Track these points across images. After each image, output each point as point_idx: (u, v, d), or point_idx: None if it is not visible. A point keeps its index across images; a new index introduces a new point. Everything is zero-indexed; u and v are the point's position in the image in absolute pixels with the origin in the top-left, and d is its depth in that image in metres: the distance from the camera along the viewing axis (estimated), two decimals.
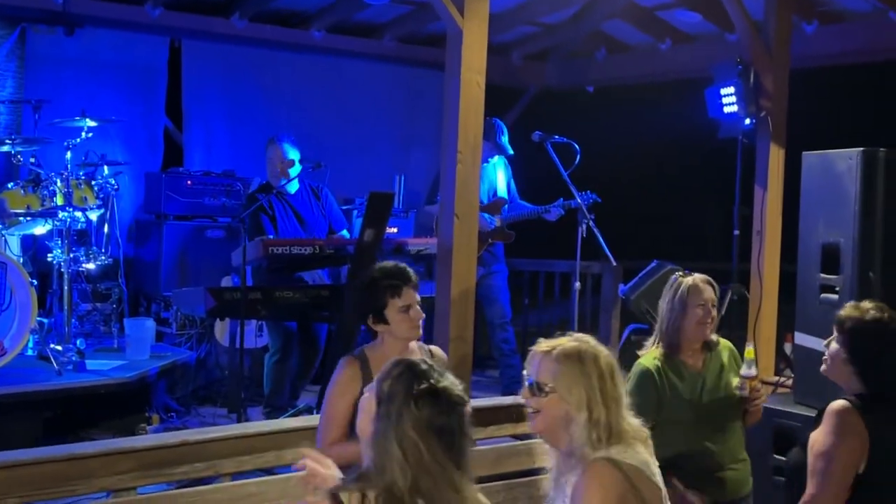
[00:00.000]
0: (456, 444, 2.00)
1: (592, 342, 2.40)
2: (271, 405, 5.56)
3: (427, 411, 1.98)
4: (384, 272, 3.30)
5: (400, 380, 2.02)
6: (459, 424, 2.02)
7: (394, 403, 2.00)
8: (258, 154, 6.86)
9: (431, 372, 2.05)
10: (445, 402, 2.01)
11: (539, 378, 2.33)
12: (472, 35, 4.55)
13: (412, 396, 1.99)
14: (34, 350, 5.33)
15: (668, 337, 3.56)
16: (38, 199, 5.33)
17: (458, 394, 2.04)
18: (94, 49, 6.99)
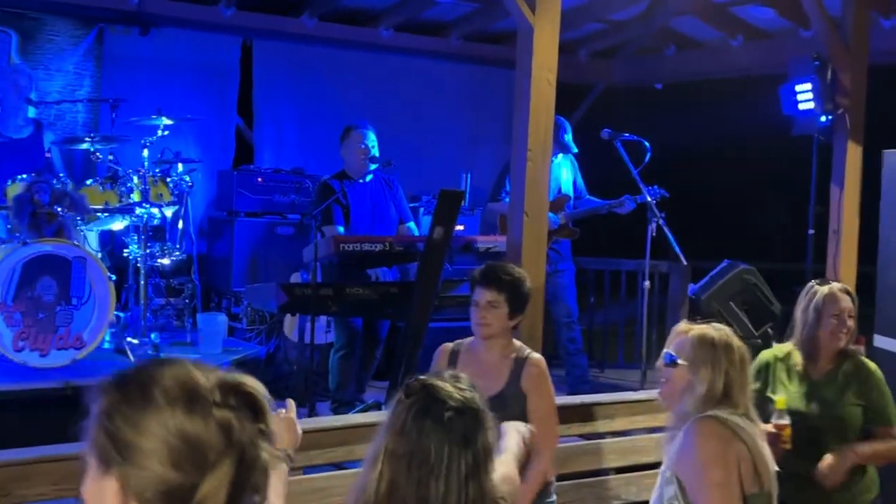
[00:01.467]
0: (431, 451, 1.88)
1: (728, 331, 2.74)
2: (338, 400, 5.61)
3: (405, 405, 1.91)
4: (477, 269, 3.48)
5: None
6: (448, 430, 1.88)
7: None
8: (327, 152, 6.95)
9: (447, 376, 1.97)
10: (428, 401, 1.90)
11: (675, 351, 2.72)
12: (544, 32, 4.54)
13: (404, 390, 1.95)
14: (111, 343, 5.45)
15: (802, 344, 3.49)
16: (115, 195, 5.45)
17: (458, 397, 1.91)
18: (168, 49, 7.14)
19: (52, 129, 6.26)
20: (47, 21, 6.64)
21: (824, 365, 3.48)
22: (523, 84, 4.58)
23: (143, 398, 1.22)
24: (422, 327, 4.98)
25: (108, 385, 1.26)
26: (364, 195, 5.74)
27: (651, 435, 4.37)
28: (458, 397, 1.88)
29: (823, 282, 3.53)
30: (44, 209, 4.92)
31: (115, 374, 1.27)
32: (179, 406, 1.21)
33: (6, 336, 4.77)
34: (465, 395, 1.89)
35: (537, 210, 4.62)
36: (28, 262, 4.84)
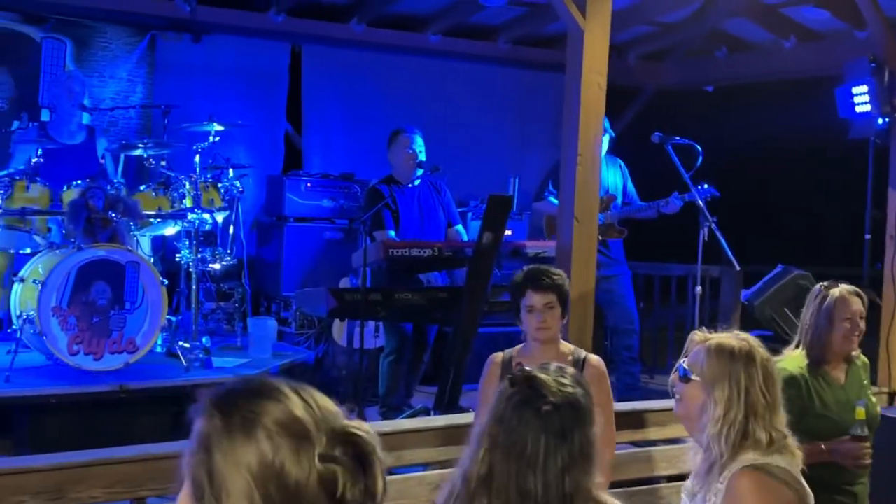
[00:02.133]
0: (531, 444, 1.92)
1: (753, 342, 2.36)
2: (387, 405, 5.62)
3: (509, 394, 1.94)
4: (521, 272, 3.47)
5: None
6: (545, 425, 1.91)
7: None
8: (375, 157, 6.96)
9: (551, 367, 2.00)
10: (530, 392, 1.94)
11: (688, 365, 2.36)
12: (594, 35, 4.51)
13: (508, 380, 1.97)
14: (163, 347, 5.50)
15: (812, 350, 3.40)
16: (168, 201, 5.52)
17: (564, 392, 1.94)
18: (219, 55, 7.22)
19: (106, 135, 6.36)
20: (101, 29, 6.75)
21: (837, 368, 3.43)
22: (573, 88, 4.55)
23: (245, 434, 1.12)
24: (471, 333, 4.97)
25: (214, 408, 1.17)
26: (413, 199, 5.75)
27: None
28: (559, 392, 1.89)
29: (832, 285, 3.44)
30: (98, 215, 4.99)
31: (222, 395, 1.18)
32: (284, 449, 1.11)
33: (61, 340, 4.84)
34: (565, 391, 1.90)
35: (587, 214, 4.58)
36: (83, 266, 4.91)
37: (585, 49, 4.48)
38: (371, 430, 1.17)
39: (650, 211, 6.18)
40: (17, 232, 5.19)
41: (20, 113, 6.49)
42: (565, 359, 3.39)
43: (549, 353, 3.40)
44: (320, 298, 5.19)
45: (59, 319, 4.83)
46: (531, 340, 3.42)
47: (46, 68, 6.55)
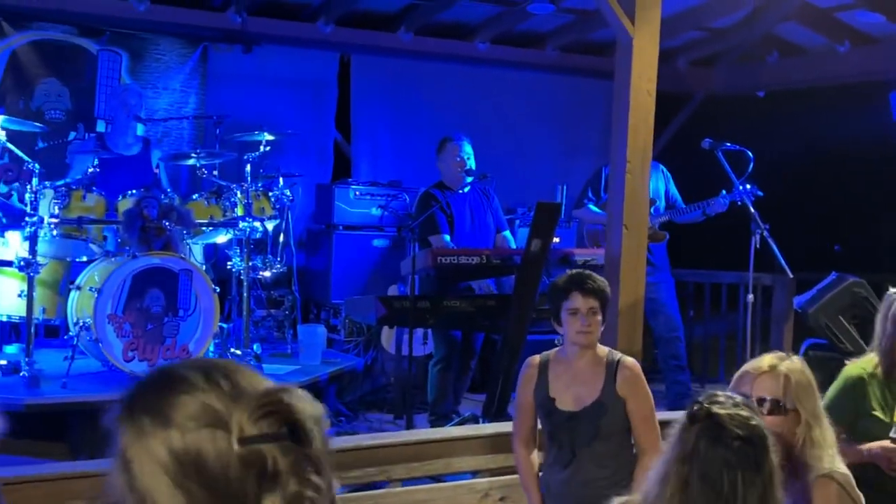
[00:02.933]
0: (721, 479, 1.90)
1: (796, 358, 2.50)
2: (436, 413, 5.63)
3: (692, 434, 1.92)
4: (564, 276, 3.45)
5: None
6: (733, 459, 1.89)
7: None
8: (424, 164, 6.99)
9: (725, 399, 1.96)
10: (715, 429, 1.91)
11: (772, 395, 2.41)
12: (643, 43, 4.49)
13: (687, 417, 1.95)
14: (215, 353, 5.56)
15: (883, 357, 3.32)
16: (220, 209, 5.60)
17: (744, 424, 1.93)
18: (269, 65, 7.31)
19: (160, 145, 6.48)
20: (155, 41, 6.88)
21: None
22: (622, 95, 4.53)
23: (156, 435, 1.07)
24: (519, 340, 4.96)
25: (121, 417, 1.10)
26: (463, 205, 5.77)
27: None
28: (743, 423, 1.88)
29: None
30: (152, 223, 5.07)
31: (128, 400, 1.11)
32: (199, 441, 1.06)
33: (116, 346, 4.93)
34: (749, 422, 1.89)
35: (637, 222, 4.56)
36: (137, 274, 5.00)
37: (634, 56, 4.46)
38: (302, 394, 1.12)
39: (695, 213, 6.11)
40: (73, 241, 5.30)
41: (76, 124, 6.65)
42: (601, 362, 3.38)
43: (585, 356, 3.39)
44: (369, 306, 5.22)
45: (114, 326, 4.92)
46: (570, 344, 3.39)
47: (102, 80, 6.69)
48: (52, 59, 6.57)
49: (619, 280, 4.51)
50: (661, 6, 4.58)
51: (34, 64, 6.51)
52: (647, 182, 4.64)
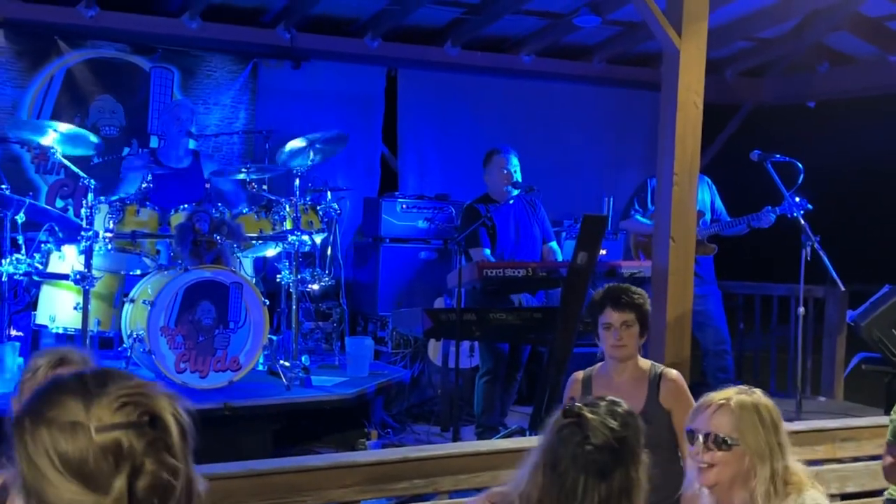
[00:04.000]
0: (575, 483, 1.91)
1: (759, 392, 2.42)
2: (483, 425, 5.65)
3: (557, 432, 1.94)
4: (601, 290, 3.48)
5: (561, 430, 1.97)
6: (594, 464, 1.91)
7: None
8: (470, 178, 7.02)
9: (601, 402, 2.00)
10: (582, 432, 1.93)
11: (717, 431, 2.33)
12: (690, 55, 4.48)
13: (559, 414, 1.98)
14: (264, 365, 5.64)
15: None
16: (269, 223, 5.67)
17: (608, 428, 1.94)
18: (317, 81, 7.40)
19: (211, 159, 6.58)
20: (207, 58, 7.01)
21: None
22: (669, 107, 4.52)
23: (33, 440, 1.24)
24: (566, 353, 4.96)
25: (11, 433, 1.27)
26: (508, 216, 5.79)
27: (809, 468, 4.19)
28: (602, 433, 1.91)
29: None
30: (204, 237, 5.16)
31: (15, 417, 1.29)
32: (61, 438, 1.22)
33: (168, 358, 5.02)
34: (613, 434, 1.91)
35: (684, 235, 4.54)
36: (189, 287, 5.09)
37: (681, 68, 4.46)
38: (162, 388, 1.30)
39: (740, 226, 6.06)
40: (127, 254, 5.41)
41: (130, 140, 6.79)
42: (644, 375, 3.39)
43: (627, 370, 3.41)
44: (416, 318, 5.25)
45: (167, 338, 5.01)
46: (608, 358, 3.43)
47: (155, 97, 6.83)
48: (106, 76, 6.72)
49: (667, 293, 4.50)
50: (707, 18, 4.56)
51: (89, 81, 6.67)
52: (695, 194, 4.62)
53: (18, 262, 5.36)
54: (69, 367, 2.13)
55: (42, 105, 6.52)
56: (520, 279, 5.27)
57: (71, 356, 2.17)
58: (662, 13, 4.52)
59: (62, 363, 2.15)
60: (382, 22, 7.07)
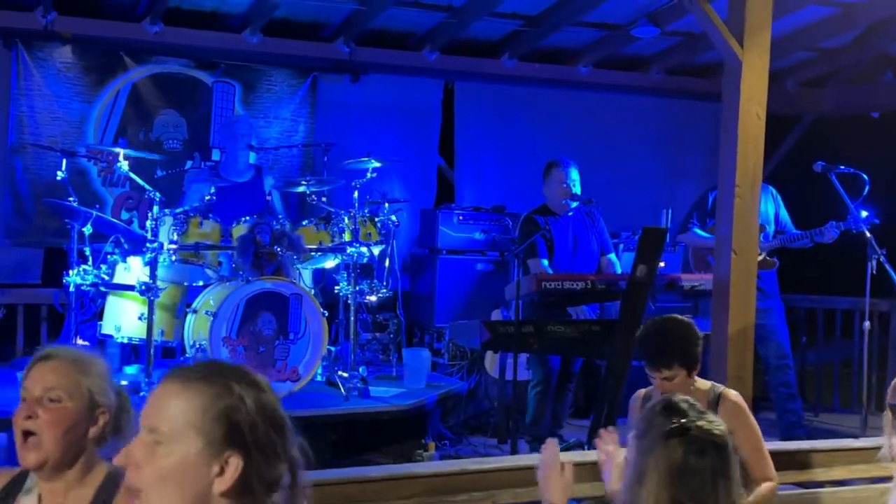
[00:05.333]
0: (708, 487, 1.92)
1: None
2: (533, 435, 5.64)
3: (678, 451, 1.93)
4: (640, 335, 3.41)
5: (654, 420, 1.99)
6: (715, 469, 1.93)
7: (644, 442, 1.97)
8: (526, 189, 7.02)
9: (689, 410, 1.99)
10: (699, 444, 1.93)
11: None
12: (752, 66, 4.43)
13: (663, 434, 1.95)
14: (323, 376, 5.69)
15: None
16: (328, 235, 5.73)
17: (717, 433, 1.96)
18: (375, 94, 7.47)
19: (271, 172, 6.68)
20: (267, 72, 7.11)
21: None
22: (731, 118, 4.48)
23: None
24: (624, 367, 4.93)
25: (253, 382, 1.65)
26: (566, 228, 5.78)
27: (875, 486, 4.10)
28: (710, 439, 1.94)
29: None
30: (265, 249, 5.23)
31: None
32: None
33: None
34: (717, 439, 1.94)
35: (746, 247, 4.48)
36: (250, 298, 5.16)
37: (743, 79, 4.42)
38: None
39: (804, 240, 5.96)
40: (190, 266, 5.50)
41: (193, 153, 6.92)
42: (703, 396, 3.32)
43: (684, 389, 3.33)
44: (474, 330, 5.26)
45: (228, 349, 5.09)
46: None
47: (217, 111, 6.96)
48: (170, 91, 6.86)
49: (728, 306, 4.44)
50: (770, 28, 4.51)
51: (153, 96, 6.81)
52: (757, 207, 4.56)
53: (85, 272, 5.48)
54: (45, 364, 2.14)
55: (108, 120, 6.68)
56: (578, 291, 5.25)
57: (52, 353, 2.17)
58: (724, 24, 4.48)
59: (43, 359, 2.17)
60: (440, 35, 7.11)
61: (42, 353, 2.16)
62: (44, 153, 6.32)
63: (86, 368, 2.17)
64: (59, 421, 2.08)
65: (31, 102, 6.47)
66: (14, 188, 6.45)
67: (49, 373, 2.12)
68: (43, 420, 2.07)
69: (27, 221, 6.49)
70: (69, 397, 2.11)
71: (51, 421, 2.08)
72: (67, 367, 2.13)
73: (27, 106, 6.46)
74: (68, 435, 2.10)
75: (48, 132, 6.48)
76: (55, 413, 2.09)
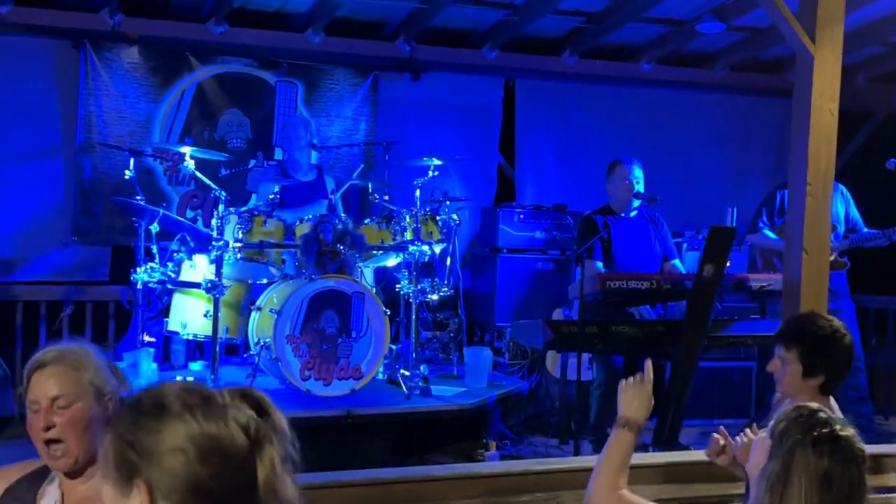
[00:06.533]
0: (852, 498, 1.87)
1: None
2: (596, 436, 5.58)
3: (825, 459, 1.88)
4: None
5: (798, 422, 1.94)
6: (856, 480, 1.89)
7: (787, 444, 1.92)
8: (588, 188, 6.96)
9: (833, 420, 1.95)
10: (845, 453, 1.89)
11: None
12: (825, 60, 4.32)
13: (810, 440, 1.91)
14: (384, 374, 5.70)
15: None
16: (390, 234, 5.73)
17: (859, 447, 1.93)
18: (435, 92, 7.46)
19: (332, 171, 6.71)
20: (329, 71, 7.15)
21: None
22: (802, 114, 4.37)
23: (159, 409, 1.34)
24: (691, 367, 4.85)
25: (122, 409, 1.40)
26: (627, 230, 5.70)
27: None
28: (855, 453, 1.91)
29: None
30: (328, 247, 5.25)
31: (126, 399, 1.42)
32: (197, 410, 1.34)
33: (294, 365, 5.13)
34: (861, 454, 1.91)
35: (818, 247, 4.37)
36: (314, 296, 5.19)
37: (815, 74, 4.30)
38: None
39: (881, 239, 5.79)
40: (255, 264, 5.55)
41: (256, 152, 6.99)
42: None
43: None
44: (537, 330, 5.21)
45: (292, 346, 5.12)
46: None
47: (280, 110, 7.01)
48: (234, 90, 6.93)
49: (799, 307, 4.33)
50: (843, 22, 4.39)
51: (218, 96, 6.89)
52: (829, 205, 4.45)
53: (152, 270, 5.57)
54: (44, 371, 2.17)
55: (174, 119, 6.77)
56: (643, 291, 5.17)
57: (47, 359, 2.18)
58: (794, 17, 4.37)
59: (39, 367, 2.18)
60: (500, 32, 7.07)
61: (35, 363, 2.18)
62: (111, 153, 6.43)
63: (82, 364, 2.18)
64: (77, 422, 2.12)
65: (99, 102, 6.58)
66: (83, 187, 6.58)
67: (50, 380, 2.14)
68: (61, 426, 2.11)
69: (95, 220, 6.61)
70: (77, 398, 2.14)
71: (69, 425, 2.12)
72: (65, 369, 2.15)
73: (95, 106, 6.58)
74: (88, 432, 2.14)
75: (116, 132, 6.59)
76: (70, 416, 2.12)
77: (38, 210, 6.58)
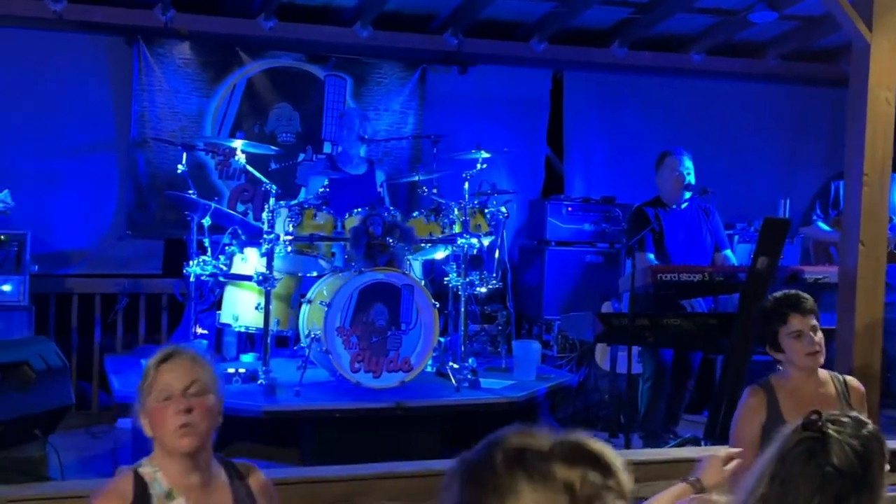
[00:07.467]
0: (852, 497, 1.80)
1: None
2: (646, 430, 5.55)
3: (818, 458, 1.82)
4: (773, 300, 3.42)
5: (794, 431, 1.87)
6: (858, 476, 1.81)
7: (785, 448, 1.87)
8: (637, 180, 6.91)
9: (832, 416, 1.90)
10: (839, 449, 1.82)
11: None
12: (882, 48, 4.25)
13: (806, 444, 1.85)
14: (433, 367, 5.71)
15: None
16: (438, 226, 5.74)
17: (858, 447, 1.84)
18: (483, 85, 7.46)
19: (381, 165, 6.73)
20: (377, 65, 7.18)
21: None
22: (858, 104, 4.30)
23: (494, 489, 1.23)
24: (744, 361, 4.79)
25: (461, 479, 1.28)
26: (678, 222, 5.65)
27: None
28: (846, 456, 1.81)
29: None
30: (377, 240, 5.28)
31: (462, 464, 1.30)
32: (522, 476, 1.22)
33: (344, 357, 5.16)
34: (856, 457, 1.82)
35: (875, 239, 4.31)
36: (363, 289, 5.22)
37: (872, 62, 4.23)
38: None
39: None
40: (305, 257, 5.60)
41: (305, 146, 7.04)
42: (827, 382, 3.34)
43: (812, 379, 3.32)
44: (586, 323, 5.19)
45: (342, 338, 5.16)
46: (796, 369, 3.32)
47: (329, 104, 7.06)
48: (283, 85, 6.99)
49: (855, 300, 4.27)
50: None
51: (268, 90, 6.96)
52: (887, 196, 4.38)
53: (205, 263, 5.63)
54: (175, 362, 2.28)
55: (225, 114, 6.85)
56: (695, 284, 5.12)
57: (176, 352, 2.31)
58: (850, 5, 4.30)
59: (167, 359, 2.29)
60: (548, 24, 7.04)
61: (165, 354, 2.32)
62: (164, 147, 6.52)
63: (206, 363, 2.35)
64: (209, 410, 2.28)
65: (152, 98, 6.68)
66: (137, 182, 6.69)
67: (180, 370, 2.28)
68: (198, 411, 2.25)
69: (149, 214, 6.72)
70: (206, 388, 2.30)
71: (204, 411, 2.26)
72: (192, 363, 2.31)
73: (148, 101, 6.67)
74: (213, 422, 2.31)
75: (168, 127, 6.68)
76: (205, 403, 2.27)
77: (93, 204, 6.70)
